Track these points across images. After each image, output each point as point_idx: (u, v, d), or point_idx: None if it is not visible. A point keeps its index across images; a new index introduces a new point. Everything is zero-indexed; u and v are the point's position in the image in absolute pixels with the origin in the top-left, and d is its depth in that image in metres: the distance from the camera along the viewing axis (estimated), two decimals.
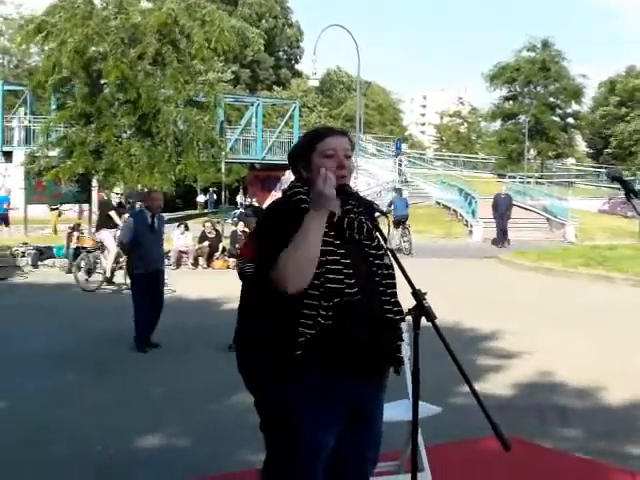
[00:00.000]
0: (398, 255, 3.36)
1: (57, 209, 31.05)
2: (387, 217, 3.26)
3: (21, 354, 10.09)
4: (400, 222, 25.34)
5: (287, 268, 3.10)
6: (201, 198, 43.85)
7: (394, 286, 3.35)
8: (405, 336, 4.92)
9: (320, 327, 3.12)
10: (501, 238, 29.60)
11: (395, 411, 4.78)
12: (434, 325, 3.08)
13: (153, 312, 10.63)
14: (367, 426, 3.39)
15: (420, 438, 4.68)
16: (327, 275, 3.16)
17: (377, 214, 3.34)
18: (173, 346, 10.56)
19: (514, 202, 35.90)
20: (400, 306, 3.35)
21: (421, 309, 3.10)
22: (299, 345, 3.11)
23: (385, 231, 3.26)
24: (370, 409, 3.38)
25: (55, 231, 29.32)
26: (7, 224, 30.69)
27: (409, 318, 3.54)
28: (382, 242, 3.27)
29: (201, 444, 6.43)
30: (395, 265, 3.27)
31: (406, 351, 4.97)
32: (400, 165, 44.28)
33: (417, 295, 3.11)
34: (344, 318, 3.16)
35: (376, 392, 3.41)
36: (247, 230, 11.10)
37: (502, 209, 29.95)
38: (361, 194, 3.62)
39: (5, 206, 31.37)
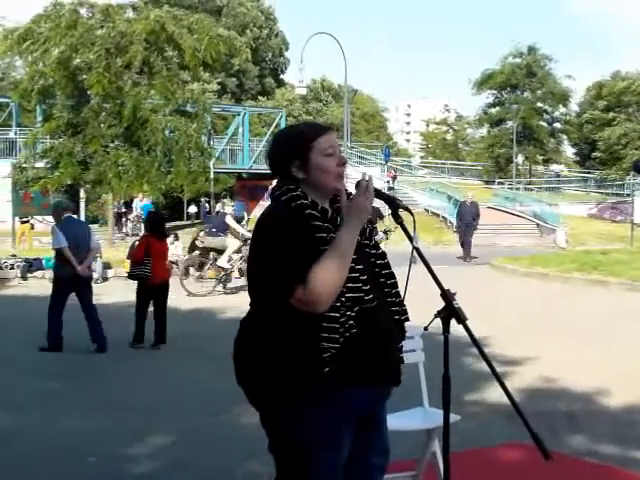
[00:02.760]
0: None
1: (28, 221, 30.68)
2: (412, 214, 3.07)
3: None
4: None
5: (323, 288, 2.85)
6: (192, 209, 43.53)
7: (397, 285, 3.19)
8: (419, 341, 4.77)
9: (345, 339, 2.92)
10: (465, 251, 26.42)
11: (411, 419, 4.62)
12: (466, 327, 2.92)
13: None
14: (375, 430, 3.26)
15: (436, 446, 4.52)
16: (347, 284, 2.94)
17: (401, 210, 3.16)
18: (163, 355, 10.45)
19: (505, 209, 35.84)
20: (405, 306, 3.22)
21: (451, 310, 2.93)
22: (325, 362, 2.90)
23: (410, 229, 3.09)
24: (378, 414, 3.26)
25: (23, 242, 29.07)
26: None
27: (414, 321, 3.39)
28: (408, 240, 3.09)
29: (197, 456, 6.21)
30: (419, 266, 3.09)
31: (420, 356, 4.82)
32: (392, 187, 43.02)
33: (446, 296, 2.94)
34: (367, 327, 2.98)
35: (385, 397, 3.27)
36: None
37: (468, 218, 26.48)
38: None
39: None
